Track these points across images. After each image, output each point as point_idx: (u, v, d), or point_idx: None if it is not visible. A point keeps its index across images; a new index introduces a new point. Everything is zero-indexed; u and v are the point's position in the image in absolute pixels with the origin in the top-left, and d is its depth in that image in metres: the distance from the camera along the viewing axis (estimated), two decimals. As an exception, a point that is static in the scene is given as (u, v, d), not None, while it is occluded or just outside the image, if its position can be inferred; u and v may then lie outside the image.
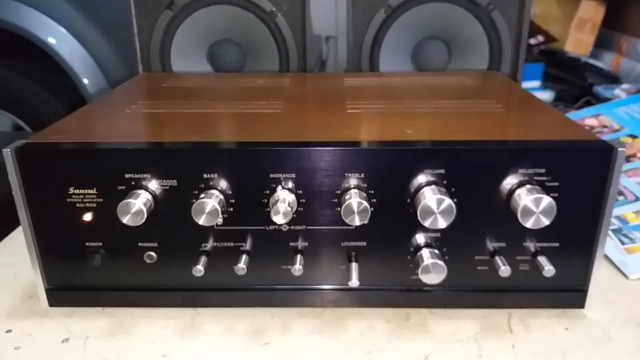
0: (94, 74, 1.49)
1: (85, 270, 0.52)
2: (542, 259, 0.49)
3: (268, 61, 0.91)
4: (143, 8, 0.87)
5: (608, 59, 1.73)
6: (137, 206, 0.47)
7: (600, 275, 0.50)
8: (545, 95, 1.43)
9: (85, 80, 1.47)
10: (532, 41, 1.71)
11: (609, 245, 0.61)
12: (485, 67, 0.87)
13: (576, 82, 1.62)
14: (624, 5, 1.73)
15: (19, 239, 0.66)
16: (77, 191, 0.49)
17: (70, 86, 1.44)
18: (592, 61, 1.72)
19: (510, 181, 0.47)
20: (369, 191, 0.48)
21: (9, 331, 0.51)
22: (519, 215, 0.45)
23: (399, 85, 0.74)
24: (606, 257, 0.60)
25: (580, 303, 0.52)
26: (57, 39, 1.46)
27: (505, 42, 0.84)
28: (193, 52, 0.91)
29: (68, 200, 0.49)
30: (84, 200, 0.49)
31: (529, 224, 0.46)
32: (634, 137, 0.83)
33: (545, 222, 0.45)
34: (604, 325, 0.50)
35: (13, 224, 0.66)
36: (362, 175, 0.48)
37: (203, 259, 0.50)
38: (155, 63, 0.89)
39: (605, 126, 0.87)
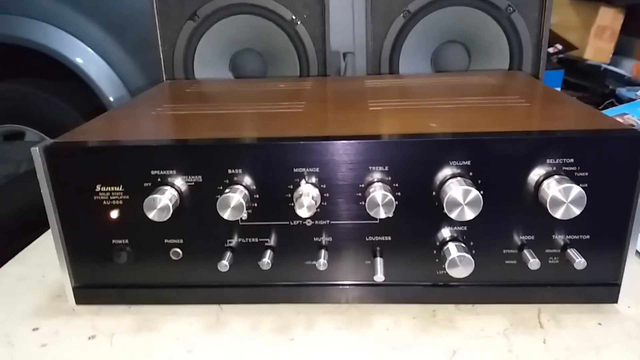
0: (120, 92, 1.52)
1: (111, 268, 0.52)
2: (572, 252, 0.48)
3: (288, 69, 0.92)
4: (166, 19, 0.89)
5: (628, 65, 1.71)
6: (163, 202, 0.47)
7: (633, 270, 0.49)
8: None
9: (112, 98, 1.51)
10: (551, 50, 1.70)
11: (640, 242, 0.60)
12: (505, 70, 0.86)
13: (597, 89, 1.60)
14: (642, 12, 1.71)
15: (47, 242, 0.67)
16: (103, 188, 0.50)
17: (97, 104, 1.47)
18: (612, 68, 1.70)
19: (538, 172, 0.46)
20: (394, 184, 0.48)
21: (35, 329, 0.51)
22: (548, 206, 0.45)
23: (421, 85, 0.74)
24: (637, 252, 0.58)
25: (613, 298, 0.50)
26: (84, 58, 1.50)
27: (525, 43, 0.84)
28: (215, 61, 0.92)
29: (95, 197, 0.50)
30: (111, 197, 0.50)
31: (558, 214, 0.45)
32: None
33: (576, 211, 0.44)
34: (638, 320, 0.49)
35: (42, 229, 0.68)
36: (387, 168, 0.47)
37: (228, 254, 0.50)
38: (178, 73, 0.91)
39: (632, 125, 0.85)
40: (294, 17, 0.88)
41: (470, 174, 0.47)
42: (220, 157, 0.48)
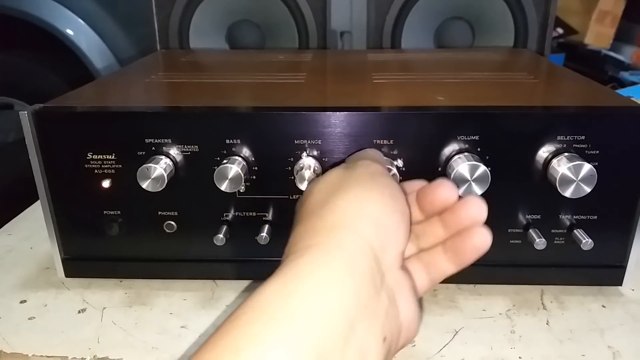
0: (112, 65, 1.49)
1: (103, 240, 0.50)
2: (579, 232, 0.46)
3: (287, 42, 0.89)
4: (162, -14, 0.86)
5: (628, 51, 1.69)
6: (157, 171, 0.45)
7: (638, 252, 0.48)
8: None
9: (103, 71, 1.47)
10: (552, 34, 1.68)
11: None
12: (510, 47, 0.84)
13: (596, 75, 1.59)
14: (645, -2, 1.70)
15: (36, 214, 0.65)
16: (95, 157, 0.47)
17: (88, 77, 1.44)
18: (612, 54, 1.69)
19: (548, 149, 0.45)
20: (398, 159, 0.46)
21: (23, 302, 0.49)
22: (557, 184, 0.43)
23: (426, 59, 0.72)
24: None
25: (617, 280, 0.49)
26: (75, 30, 1.47)
27: (531, 21, 0.82)
28: (212, 32, 0.90)
29: (86, 166, 0.48)
30: (102, 166, 0.48)
31: (568, 192, 0.43)
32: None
33: (586, 190, 0.43)
34: (644, 304, 0.48)
35: (30, 200, 0.66)
36: (392, 142, 0.46)
37: (224, 228, 0.48)
38: (173, 43, 0.88)
39: (636, 107, 0.84)
40: (294, -12, 0.85)
41: (478, 149, 0.45)
42: (217, 126, 0.46)
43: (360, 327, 0.27)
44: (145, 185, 0.45)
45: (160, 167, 0.45)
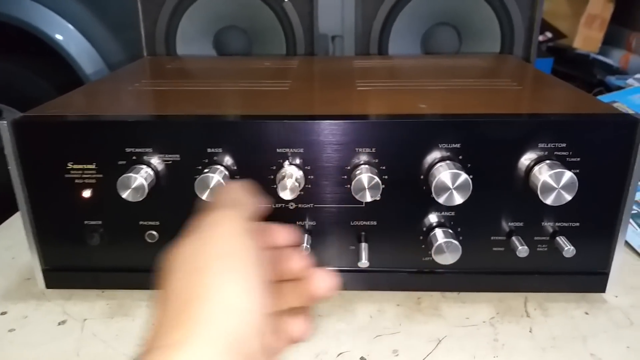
0: (101, 70, 1.48)
1: (84, 251, 0.50)
2: (561, 239, 0.46)
3: (274, 48, 0.89)
4: (148, -8, 0.85)
5: (617, 55, 1.70)
6: (138, 181, 0.44)
7: (621, 259, 0.48)
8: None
9: (92, 77, 1.46)
10: (541, 38, 1.69)
11: (629, 230, 0.59)
12: (497, 53, 0.85)
13: (585, 79, 1.60)
14: (633, 2, 1.71)
15: (18, 224, 0.64)
16: (75, 166, 0.47)
17: (77, 82, 1.43)
18: (600, 57, 1.70)
19: (529, 156, 0.45)
20: (380, 167, 0.46)
21: (3, 313, 0.49)
22: (539, 192, 0.43)
23: (411, 66, 0.72)
24: (626, 242, 0.57)
25: (600, 287, 0.49)
26: (64, 35, 1.46)
27: (517, 26, 0.82)
28: (199, 38, 0.89)
29: (66, 175, 0.47)
30: (83, 175, 0.47)
31: (549, 200, 0.43)
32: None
33: (567, 197, 0.43)
34: (626, 310, 0.48)
35: (12, 210, 0.65)
36: (374, 150, 0.45)
37: (206, 237, 0.48)
38: (160, 49, 0.88)
39: (621, 113, 0.84)
40: (281, -6, 0.85)
41: (460, 157, 0.45)
42: (199, 134, 0.46)
43: None
44: (125, 195, 0.45)
45: (141, 177, 0.45)
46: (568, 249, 0.46)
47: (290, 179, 0.45)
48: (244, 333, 0.28)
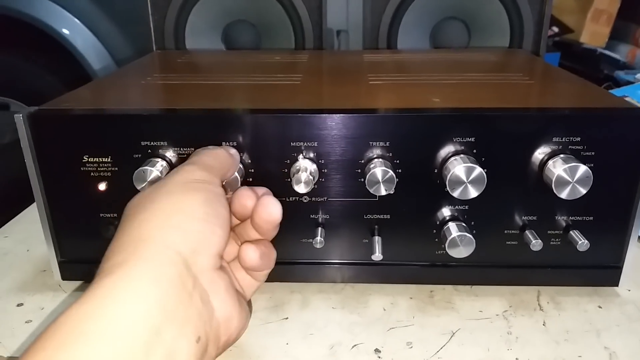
0: (108, 64, 1.48)
1: (99, 243, 0.49)
2: (575, 233, 0.46)
3: (283, 42, 0.89)
4: (157, -14, 0.86)
5: (623, 50, 1.70)
6: (154, 174, 0.45)
7: (634, 253, 0.48)
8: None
9: (99, 71, 1.47)
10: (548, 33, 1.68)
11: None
12: (506, 48, 0.84)
13: (592, 74, 1.59)
14: (640, -4, 1.70)
15: (32, 216, 0.65)
16: (91, 159, 0.47)
17: (84, 77, 1.43)
18: (607, 52, 1.69)
19: (543, 150, 0.45)
20: (394, 161, 0.46)
21: (20, 305, 0.49)
22: (553, 186, 0.43)
23: (422, 60, 0.72)
24: (639, 236, 0.58)
25: (613, 281, 0.49)
26: (71, 29, 1.46)
27: (527, 20, 0.82)
28: (208, 32, 0.89)
29: (82, 169, 0.47)
30: (99, 169, 0.47)
31: (564, 194, 0.43)
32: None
33: (582, 191, 0.43)
34: (639, 304, 0.48)
35: (26, 202, 0.65)
36: (387, 143, 0.46)
37: (221, 230, 0.48)
38: (169, 43, 0.88)
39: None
40: (290, -12, 0.85)
41: (474, 151, 0.45)
42: (213, 128, 0.46)
43: (167, 332, 0.29)
44: (141, 187, 0.45)
45: (157, 170, 0.45)
46: (582, 243, 0.46)
47: (305, 172, 0.45)
48: (192, 247, 0.33)
